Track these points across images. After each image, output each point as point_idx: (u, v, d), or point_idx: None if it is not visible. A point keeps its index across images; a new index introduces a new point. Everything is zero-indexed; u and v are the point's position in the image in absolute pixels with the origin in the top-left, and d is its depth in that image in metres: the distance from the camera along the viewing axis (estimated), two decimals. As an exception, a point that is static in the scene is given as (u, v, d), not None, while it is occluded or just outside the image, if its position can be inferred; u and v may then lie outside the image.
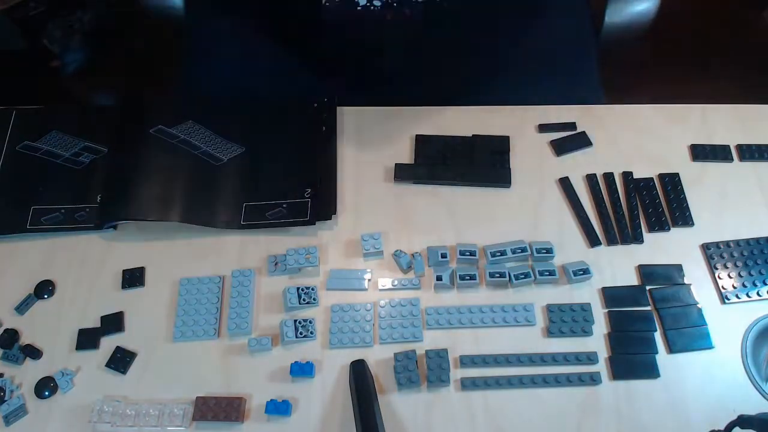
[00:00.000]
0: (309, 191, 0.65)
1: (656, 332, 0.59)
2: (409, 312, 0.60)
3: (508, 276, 0.60)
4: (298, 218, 0.64)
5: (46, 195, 0.66)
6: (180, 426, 0.55)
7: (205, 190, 0.66)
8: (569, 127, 0.70)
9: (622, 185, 0.67)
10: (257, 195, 0.66)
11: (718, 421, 0.54)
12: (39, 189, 0.66)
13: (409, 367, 0.56)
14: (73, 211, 0.65)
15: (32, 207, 0.65)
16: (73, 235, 0.64)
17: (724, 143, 0.69)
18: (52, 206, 0.65)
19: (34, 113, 0.72)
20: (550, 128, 0.70)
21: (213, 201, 0.65)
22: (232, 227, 0.64)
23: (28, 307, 0.61)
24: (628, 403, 0.56)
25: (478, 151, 0.68)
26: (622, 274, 0.62)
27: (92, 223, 0.64)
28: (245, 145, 0.68)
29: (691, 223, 0.65)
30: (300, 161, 0.68)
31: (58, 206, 0.65)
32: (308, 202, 0.65)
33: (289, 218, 0.64)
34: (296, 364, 0.57)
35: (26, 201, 0.66)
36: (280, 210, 0.64)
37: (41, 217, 0.65)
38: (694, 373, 0.57)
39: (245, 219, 0.64)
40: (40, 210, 0.65)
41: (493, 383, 0.56)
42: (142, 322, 0.60)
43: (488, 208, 0.66)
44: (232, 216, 0.64)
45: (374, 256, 0.63)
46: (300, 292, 0.60)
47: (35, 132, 0.70)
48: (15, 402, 0.56)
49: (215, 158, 0.68)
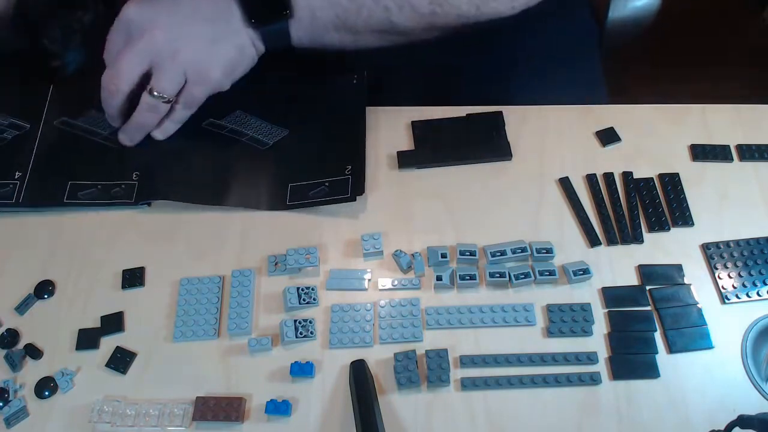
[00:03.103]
0: (349, 168, 0.66)
1: (656, 332, 0.59)
2: (409, 312, 0.60)
3: (508, 276, 0.60)
4: (339, 195, 0.65)
5: (84, 170, 0.67)
6: (180, 426, 0.55)
7: (250, 174, 0.67)
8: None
9: (622, 185, 0.67)
10: (301, 176, 0.67)
11: (718, 421, 0.54)
12: (76, 165, 0.67)
13: (409, 367, 0.56)
14: (110, 187, 0.66)
15: (69, 182, 0.66)
16: (73, 234, 0.65)
17: (724, 143, 0.69)
18: (88, 182, 0.66)
19: (72, 90, 0.73)
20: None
21: (257, 184, 0.66)
22: (277, 208, 0.65)
23: (28, 307, 0.61)
24: (628, 403, 0.56)
25: (473, 131, 0.69)
26: (622, 274, 0.62)
27: (128, 199, 0.65)
28: (288, 127, 0.70)
29: (691, 223, 0.65)
30: (339, 140, 0.69)
31: (95, 182, 0.66)
32: (348, 179, 0.65)
33: (331, 196, 0.65)
34: (296, 364, 0.57)
35: (64, 176, 0.67)
36: (323, 188, 0.65)
37: (78, 192, 0.66)
38: (694, 373, 0.57)
39: (290, 200, 0.65)
40: (77, 185, 0.66)
41: (493, 383, 0.56)
42: (142, 322, 0.60)
43: (489, 199, 0.66)
44: (277, 197, 0.66)
45: (374, 256, 0.63)
46: (300, 292, 0.60)
47: (74, 109, 0.71)
48: (16, 404, 0.56)
49: (262, 143, 0.69)
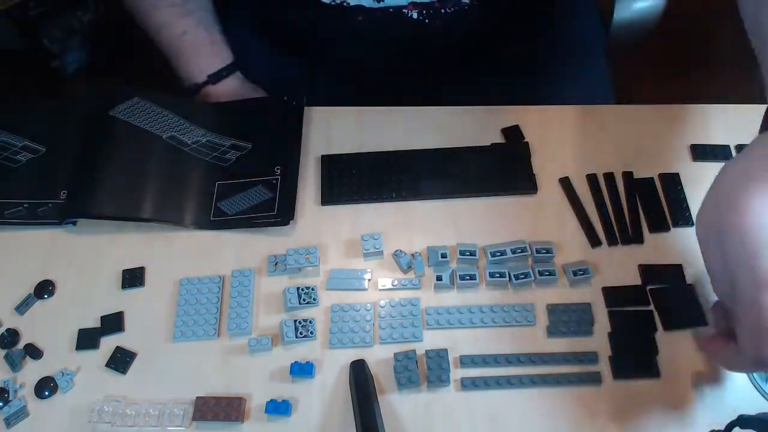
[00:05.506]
0: (278, 169, 0.66)
1: (656, 332, 0.59)
2: (409, 312, 0.60)
3: (508, 276, 0.60)
4: (266, 213, 0.64)
5: (10, 188, 0.66)
6: (180, 426, 0.55)
7: (182, 187, 0.66)
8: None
9: (623, 185, 0.67)
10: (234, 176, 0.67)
11: (718, 421, 0.54)
12: (2, 182, 0.67)
13: (409, 367, 0.56)
14: (37, 206, 0.65)
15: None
16: (73, 234, 0.64)
17: (724, 143, 0.69)
18: (15, 200, 0.66)
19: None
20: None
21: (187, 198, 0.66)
22: (202, 227, 0.65)
23: (28, 307, 0.61)
24: (628, 403, 0.56)
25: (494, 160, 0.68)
26: (623, 274, 0.62)
27: (54, 218, 0.65)
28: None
29: (691, 223, 0.64)
30: (273, 141, 0.69)
31: (21, 201, 0.65)
32: (278, 181, 0.66)
33: (260, 212, 0.64)
34: (296, 364, 0.57)
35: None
36: (256, 189, 0.66)
37: (4, 211, 0.65)
38: (694, 373, 0.57)
39: (215, 215, 0.65)
40: (3, 204, 0.65)
41: (493, 383, 0.56)
42: (142, 322, 0.60)
43: (489, 199, 0.66)
44: (202, 214, 0.65)
45: (374, 256, 0.63)
46: (300, 292, 0.60)
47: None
48: (17, 404, 0.56)
49: (182, 143, 0.68)
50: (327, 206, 0.66)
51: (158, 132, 0.68)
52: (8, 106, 0.72)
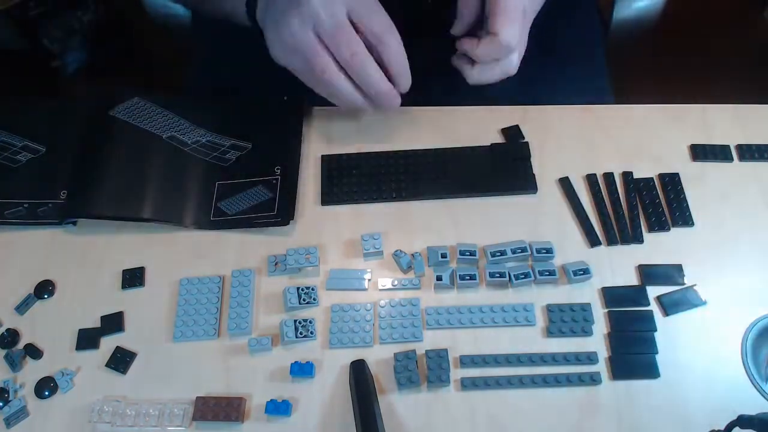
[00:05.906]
0: (278, 169, 0.66)
1: (656, 332, 0.59)
2: (409, 312, 0.60)
3: (508, 276, 0.60)
4: (266, 213, 0.64)
5: (10, 188, 0.66)
6: (180, 426, 0.55)
7: (181, 186, 0.66)
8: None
9: (622, 185, 0.67)
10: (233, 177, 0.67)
11: (718, 421, 0.53)
12: (2, 182, 0.67)
13: (409, 367, 0.56)
14: (37, 206, 0.65)
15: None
16: (73, 234, 0.65)
17: (724, 143, 0.69)
18: (15, 200, 0.66)
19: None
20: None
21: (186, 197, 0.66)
22: (202, 227, 0.64)
23: (28, 307, 0.61)
24: (628, 403, 0.56)
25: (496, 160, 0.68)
26: (622, 274, 0.62)
27: (55, 218, 0.64)
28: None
29: (691, 223, 0.65)
30: (272, 142, 0.69)
31: (21, 201, 0.66)
32: (278, 181, 0.66)
33: (259, 212, 0.64)
34: (296, 364, 0.57)
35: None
36: (255, 189, 0.66)
37: (4, 211, 0.65)
38: (694, 373, 0.57)
39: (215, 215, 0.65)
40: (3, 204, 0.66)
41: (493, 383, 0.56)
42: (142, 322, 0.60)
43: (489, 199, 0.66)
44: (201, 214, 0.65)
45: (374, 256, 0.63)
46: (300, 292, 0.60)
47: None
48: (17, 404, 0.56)
49: (182, 143, 0.68)
50: (327, 206, 0.66)
51: (158, 132, 0.68)
52: (8, 106, 0.72)
